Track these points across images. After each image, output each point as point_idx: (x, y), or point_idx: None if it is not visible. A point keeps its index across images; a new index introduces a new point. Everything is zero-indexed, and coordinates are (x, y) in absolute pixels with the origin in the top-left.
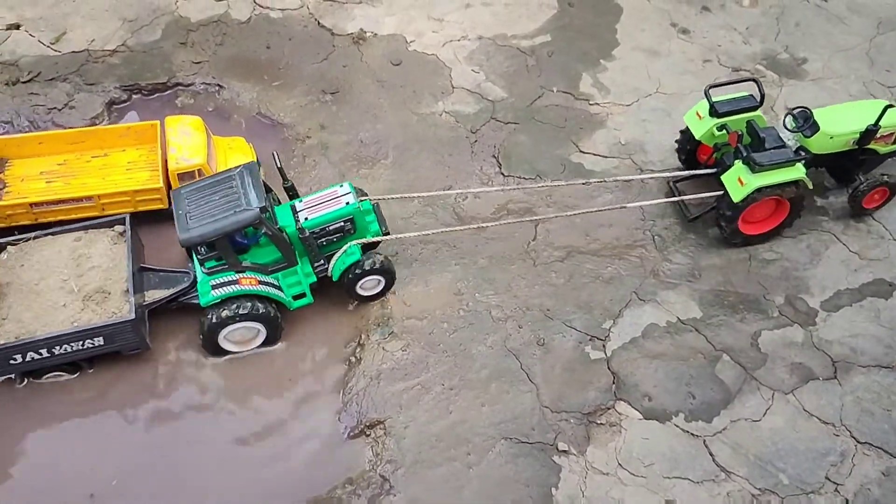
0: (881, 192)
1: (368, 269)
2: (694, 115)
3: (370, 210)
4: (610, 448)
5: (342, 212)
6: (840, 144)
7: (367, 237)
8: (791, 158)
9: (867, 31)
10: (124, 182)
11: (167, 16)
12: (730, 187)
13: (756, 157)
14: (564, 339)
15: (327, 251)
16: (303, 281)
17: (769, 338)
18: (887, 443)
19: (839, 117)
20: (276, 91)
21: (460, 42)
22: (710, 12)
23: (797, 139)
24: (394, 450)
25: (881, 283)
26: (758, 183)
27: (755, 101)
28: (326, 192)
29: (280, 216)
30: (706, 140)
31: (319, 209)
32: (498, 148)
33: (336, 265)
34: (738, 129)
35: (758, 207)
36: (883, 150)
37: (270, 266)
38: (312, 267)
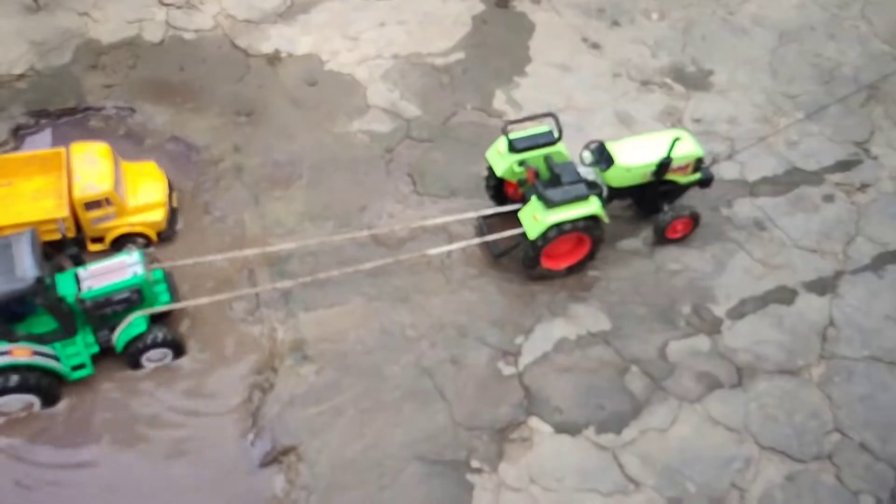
0: (683, 222)
1: (154, 342)
2: (495, 151)
3: (161, 279)
4: (522, 464)
5: (128, 282)
6: (638, 177)
7: (157, 307)
8: (584, 194)
9: (770, 43)
10: (29, 212)
11: (77, 38)
12: (526, 224)
13: (548, 194)
14: (478, 355)
15: (113, 321)
16: (82, 352)
17: (676, 347)
18: (790, 447)
19: (635, 150)
20: (190, 113)
21: (375, 61)
22: (620, 27)
23: (595, 173)
24: (307, 476)
25: (783, 290)
26: (552, 219)
27: (553, 137)
28: (114, 262)
29: (62, 284)
30: (508, 176)
31: (104, 279)
32: (413, 166)
33: (121, 336)
34: (535, 164)
35: (560, 243)
36: (683, 181)
37: (48, 336)
38: (95, 336)
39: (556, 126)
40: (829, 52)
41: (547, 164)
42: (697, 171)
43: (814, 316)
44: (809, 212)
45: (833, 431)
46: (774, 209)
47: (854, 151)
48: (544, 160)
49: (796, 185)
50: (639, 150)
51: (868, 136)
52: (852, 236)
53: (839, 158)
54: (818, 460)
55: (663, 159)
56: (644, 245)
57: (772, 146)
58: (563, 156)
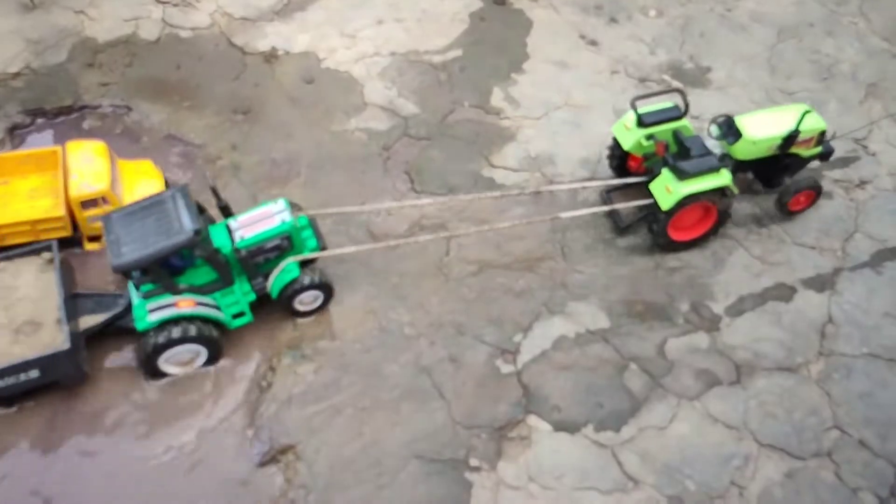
0: (807, 194)
1: (308, 285)
2: (622, 126)
3: (306, 225)
4: (521, 462)
5: (278, 230)
6: (763, 150)
7: (305, 253)
8: (716, 166)
9: (768, 39)
10: (26, 211)
11: (73, 37)
12: (658, 196)
13: (682, 166)
14: (476, 354)
15: (265, 269)
16: (241, 300)
17: (675, 345)
18: (789, 444)
19: (762, 124)
20: (187, 112)
21: (373, 58)
22: (618, 24)
23: (722, 146)
24: (305, 475)
25: (782, 287)
26: (685, 190)
27: (680, 112)
28: (261, 210)
29: (215, 236)
30: (634, 150)
31: (255, 228)
32: (411, 164)
33: (275, 283)
34: (664, 138)
35: (686, 214)
36: (806, 154)
37: (207, 287)
38: (251, 285)
39: (682, 101)
40: (828, 49)
41: (675, 138)
42: (819, 145)
43: (813, 313)
44: (808, 208)
45: (832, 428)
46: (773, 206)
47: (853, 148)
48: (672, 134)
49: None
50: (766, 123)
51: (866, 133)
52: (851, 233)
53: (838, 155)
54: (817, 457)
55: (791, 132)
56: (643, 242)
57: None
58: (689, 130)
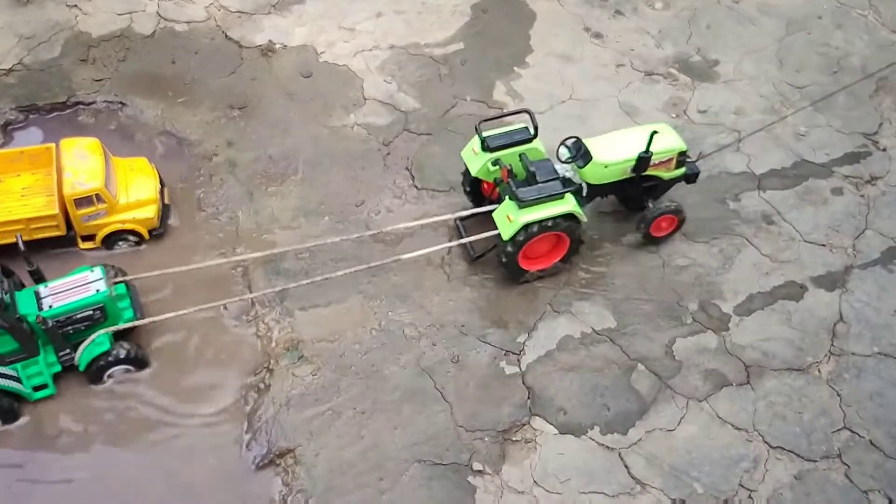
0: (668, 219)
1: (119, 359)
2: (470, 150)
3: (125, 294)
4: (525, 465)
5: (91, 300)
6: (617, 173)
7: (120, 324)
8: (559, 192)
9: (777, 32)
10: (19, 209)
11: (66, 31)
12: (500, 225)
13: (520, 193)
14: (479, 355)
15: (75, 339)
16: (44, 371)
17: (683, 345)
18: (798, 446)
19: (612, 145)
20: (182, 107)
21: (372, 52)
22: (623, 16)
23: (573, 170)
24: (304, 479)
25: (792, 286)
26: (525, 219)
27: (529, 134)
28: (75, 278)
29: (22, 303)
30: (483, 175)
31: (66, 296)
32: (411, 160)
33: (83, 355)
34: (510, 163)
35: (538, 243)
36: (667, 176)
37: (8, 357)
38: (57, 356)
39: (531, 123)
40: (837, 42)
41: (522, 162)
42: (682, 166)
43: (823, 312)
44: (818, 205)
45: (842, 429)
46: (782, 203)
47: (863, 143)
48: (519, 158)
49: (805, 178)
50: (617, 145)
51: (877, 128)
52: (861, 230)
53: (848, 150)
54: (827, 459)
55: (642, 154)
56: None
57: (779, 138)
58: (540, 153)
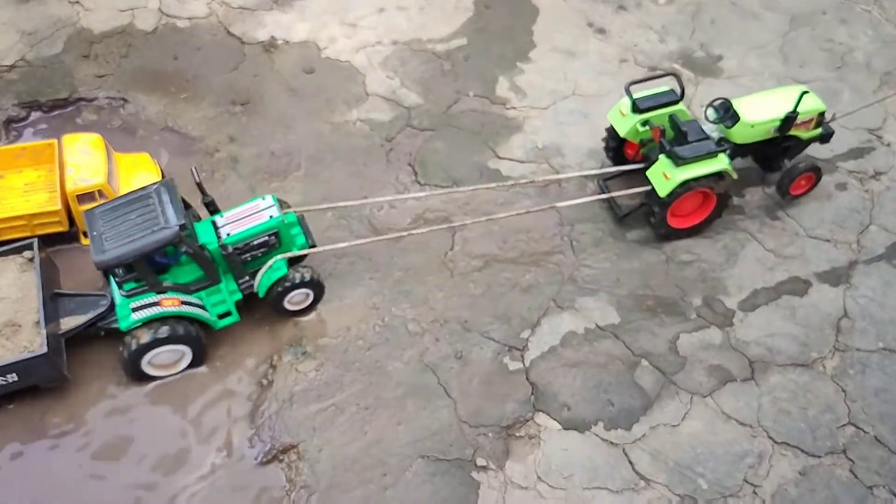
0: (807, 177)
1: (297, 283)
2: (617, 112)
3: (295, 222)
4: (529, 461)
5: (266, 226)
6: (762, 133)
7: (293, 250)
8: (713, 150)
9: (780, 27)
10: (21, 205)
11: (68, 28)
12: (655, 182)
13: (678, 151)
14: (482, 350)
15: (252, 267)
16: (227, 299)
17: (687, 341)
18: (803, 442)
19: (759, 106)
20: (184, 103)
21: (374, 47)
22: (627, 11)
23: (720, 130)
24: (308, 474)
25: (796, 281)
26: (682, 176)
27: (676, 96)
28: (248, 206)
29: (201, 233)
30: (631, 136)
31: (242, 224)
32: (414, 156)
33: (262, 281)
34: (660, 123)
35: (686, 201)
36: (805, 136)
37: (193, 285)
38: (237, 284)
39: (678, 85)
40: (841, 37)
41: (672, 123)
42: (819, 127)
43: (827, 307)
44: (822, 200)
45: (847, 425)
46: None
47: (867, 139)
48: (668, 119)
49: None
50: (764, 105)
51: (881, 123)
52: (866, 225)
53: (852, 146)
54: (832, 454)
55: (789, 114)
56: (652, 235)
57: None
58: (686, 115)
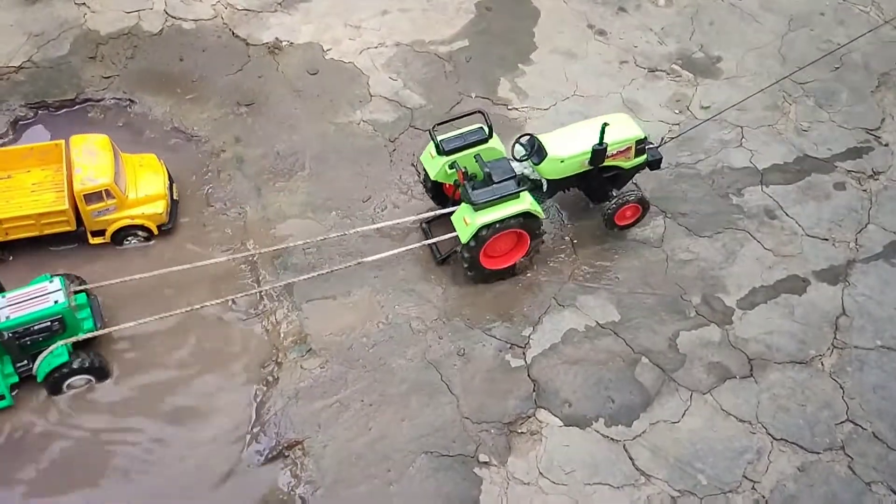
0: (632, 208)
1: (76, 369)
2: (427, 155)
3: (85, 304)
4: (531, 457)
5: (49, 311)
6: (574, 167)
7: (80, 334)
8: (514, 191)
9: (779, 28)
10: (29, 205)
11: (75, 29)
12: (458, 228)
13: (474, 196)
14: (485, 348)
15: (34, 350)
16: (1, 383)
17: (687, 338)
18: (802, 438)
19: (567, 140)
20: (190, 104)
21: (378, 49)
22: (627, 13)
23: (530, 166)
24: (313, 470)
25: (795, 280)
26: (482, 220)
27: (484, 134)
28: (34, 288)
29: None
30: (442, 178)
31: (24, 307)
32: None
33: (41, 366)
34: (466, 164)
35: (498, 241)
36: (628, 165)
37: None
38: (14, 367)
39: (486, 123)
40: (839, 38)
41: (478, 164)
42: (643, 154)
43: (826, 305)
44: (820, 200)
45: (846, 422)
46: (785, 197)
47: (865, 139)
48: (474, 159)
49: (807, 173)
50: (571, 139)
51: (879, 123)
52: (864, 224)
53: (850, 146)
54: (831, 451)
55: (596, 147)
56: (653, 234)
57: (782, 133)
58: (497, 153)
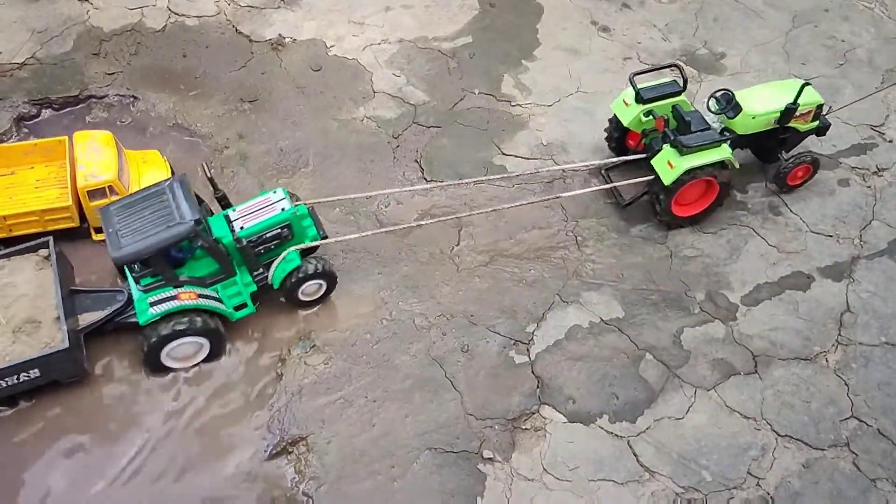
0: (804, 168)
1: (310, 274)
2: (621, 102)
3: (306, 214)
4: (535, 453)
5: (278, 218)
6: (762, 124)
7: (305, 242)
8: (716, 139)
9: (783, 24)
10: (32, 201)
11: (78, 26)
12: (660, 171)
13: (683, 140)
14: (488, 344)
15: (266, 259)
16: (243, 291)
17: (691, 335)
18: (807, 435)
19: (760, 98)
20: (193, 101)
21: (381, 45)
22: (630, 9)
23: (721, 121)
24: (317, 466)
25: (799, 276)
26: (687, 165)
27: (679, 87)
28: (260, 199)
29: (215, 227)
30: (634, 126)
31: (255, 217)
32: (420, 152)
33: (276, 272)
34: (664, 114)
35: (689, 189)
36: (803, 128)
37: (209, 278)
38: (252, 276)
39: (681, 76)
40: (843, 34)
41: (675, 113)
42: (816, 119)
43: (830, 302)
44: (825, 196)
45: (850, 418)
46: (789, 194)
47: (869, 135)
48: (672, 109)
49: None
50: (765, 97)
51: (883, 120)
52: (868, 221)
53: (854, 142)
54: (835, 447)
55: (789, 105)
56: (656, 231)
57: None
58: (689, 105)
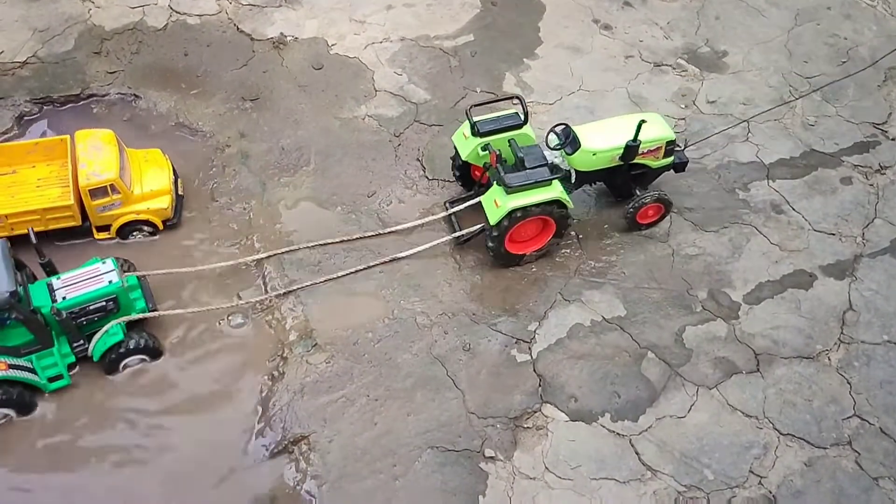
0: (655, 208)
1: (132, 349)
2: (460, 134)
3: (136, 286)
4: (536, 452)
5: (104, 291)
6: (604, 161)
7: (133, 314)
8: (546, 178)
9: (785, 22)
10: (34, 200)
11: (80, 24)
12: (487, 210)
13: (507, 179)
14: (490, 343)
15: (89, 330)
16: (59, 362)
17: (693, 333)
18: (809, 433)
19: (603, 133)
20: (195, 99)
21: (382, 44)
22: (632, 7)
23: (562, 156)
24: (318, 465)
25: (801, 274)
26: (512, 204)
27: (519, 120)
28: (87, 269)
29: (35, 295)
30: (473, 160)
31: (79, 288)
32: (422, 151)
33: (97, 345)
34: (499, 148)
35: (524, 227)
36: (655, 165)
37: (23, 348)
38: (71, 347)
39: (522, 109)
40: (846, 32)
41: (511, 148)
42: (670, 155)
43: (832, 300)
44: (827, 194)
45: (853, 417)
46: (791, 192)
47: (872, 133)
48: (508, 144)
49: (814, 168)
50: (606, 133)
51: (886, 118)
52: (871, 219)
53: (857, 140)
54: (838, 446)
55: (630, 142)
56: (659, 229)
57: (788, 128)
58: (529, 139)
